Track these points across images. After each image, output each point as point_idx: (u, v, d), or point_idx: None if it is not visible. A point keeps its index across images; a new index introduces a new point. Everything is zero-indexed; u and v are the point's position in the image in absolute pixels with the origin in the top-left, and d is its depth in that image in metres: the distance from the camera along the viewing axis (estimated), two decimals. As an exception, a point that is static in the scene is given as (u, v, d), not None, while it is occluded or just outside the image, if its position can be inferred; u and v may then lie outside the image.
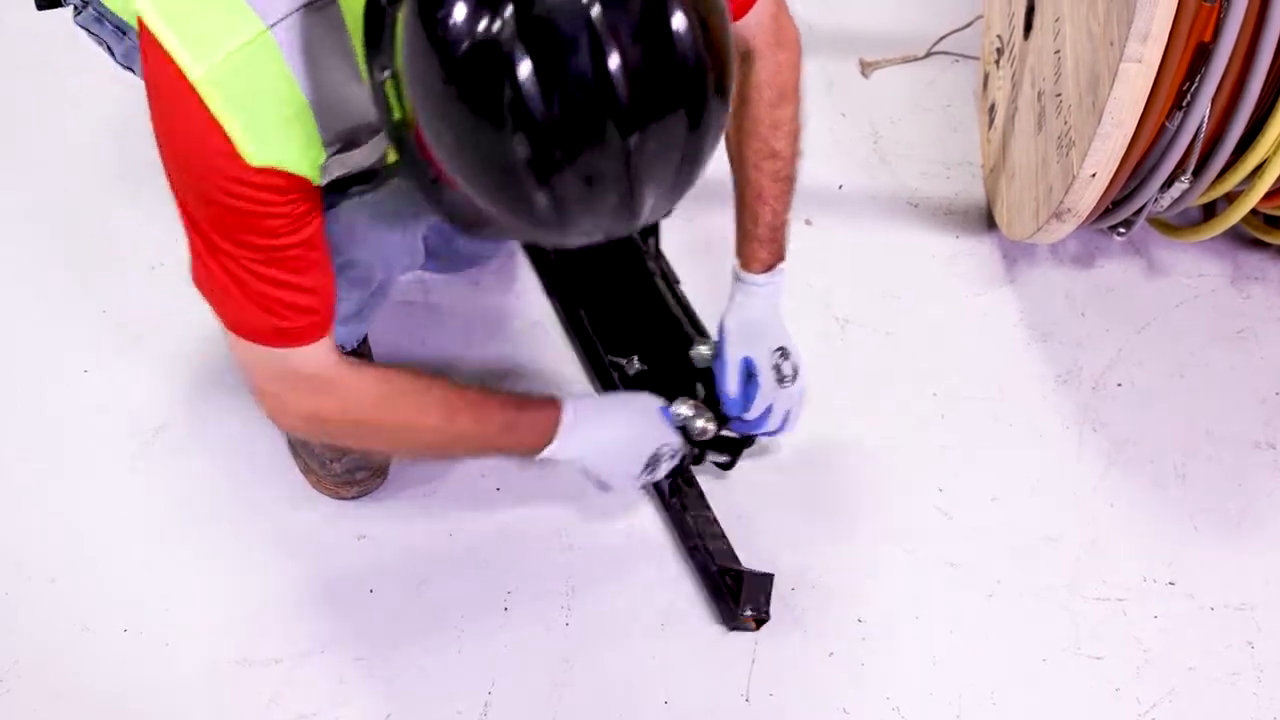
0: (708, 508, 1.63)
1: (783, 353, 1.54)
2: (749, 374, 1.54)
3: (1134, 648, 1.55)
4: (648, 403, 1.51)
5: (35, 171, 2.02)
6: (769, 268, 1.52)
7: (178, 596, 1.58)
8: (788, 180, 1.51)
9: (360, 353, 1.69)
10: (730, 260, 1.54)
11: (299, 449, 1.66)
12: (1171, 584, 1.61)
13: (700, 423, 1.53)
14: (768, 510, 1.66)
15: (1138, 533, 1.66)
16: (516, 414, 1.38)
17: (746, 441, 1.61)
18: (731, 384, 1.54)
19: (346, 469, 1.63)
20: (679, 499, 1.61)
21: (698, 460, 1.60)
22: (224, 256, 1.15)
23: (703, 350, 1.64)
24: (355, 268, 1.41)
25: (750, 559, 1.60)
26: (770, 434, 1.58)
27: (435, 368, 1.78)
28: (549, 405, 1.40)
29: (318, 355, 1.24)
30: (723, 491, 1.66)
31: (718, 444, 1.58)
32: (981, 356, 1.83)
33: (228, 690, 1.51)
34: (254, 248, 1.14)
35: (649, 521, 1.65)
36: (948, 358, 1.83)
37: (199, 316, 1.81)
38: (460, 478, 1.68)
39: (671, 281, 1.80)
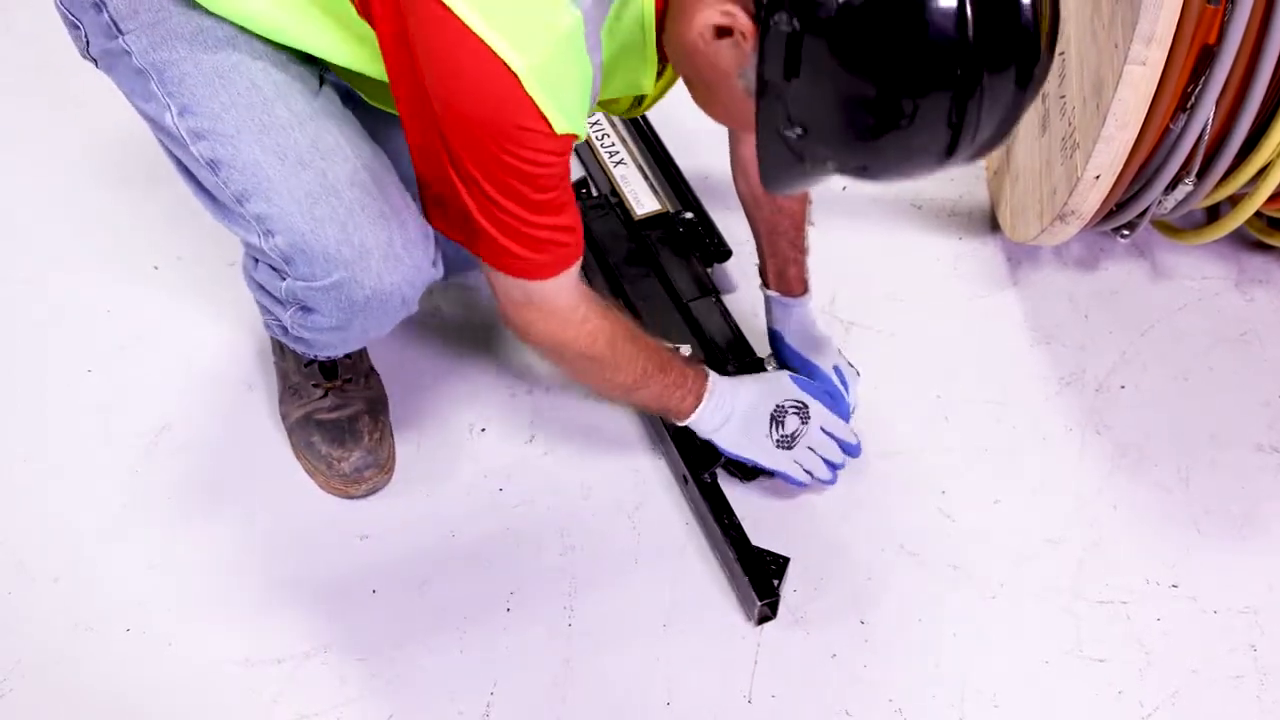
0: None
1: (840, 354, 1.71)
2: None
3: (1137, 650, 1.55)
4: (777, 374, 1.63)
5: (40, 172, 2.02)
6: (808, 288, 1.70)
7: (180, 597, 1.58)
8: (807, 199, 1.68)
9: (353, 356, 1.70)
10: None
11: (304, 450, 1.67)
12: (1175, 587, 1.61)
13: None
14: (770, 511, 1.66)
15: (1141, 535, 1.65)
16: (683, 370, 1.52)
17: None
18: (840, 388, 1.68)
19: (354, 468, 1.63)
20: (711, 476, 1.63)
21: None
22: (495, 208, 1.26)
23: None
24: (348, 330, 1.41)
25: (753, 561, 1.61)
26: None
27: (437, 367, 1.79)
28: (698, 370, 1.55)
29: (566, 285, 1.37)
30: (724, 493, 1.66)
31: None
32: (985, 359, 1.83)
33: (230, 690, 1.51)
34: (526, 200, 1.26)
35: (651, 522, 1.65)
36: (951, 360, 1.83)
37: (202, 317, 1.83)
38: (463, 479, 1.69)
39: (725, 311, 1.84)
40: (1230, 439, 1.75)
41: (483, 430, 1.74)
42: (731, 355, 1.75)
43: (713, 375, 1.56)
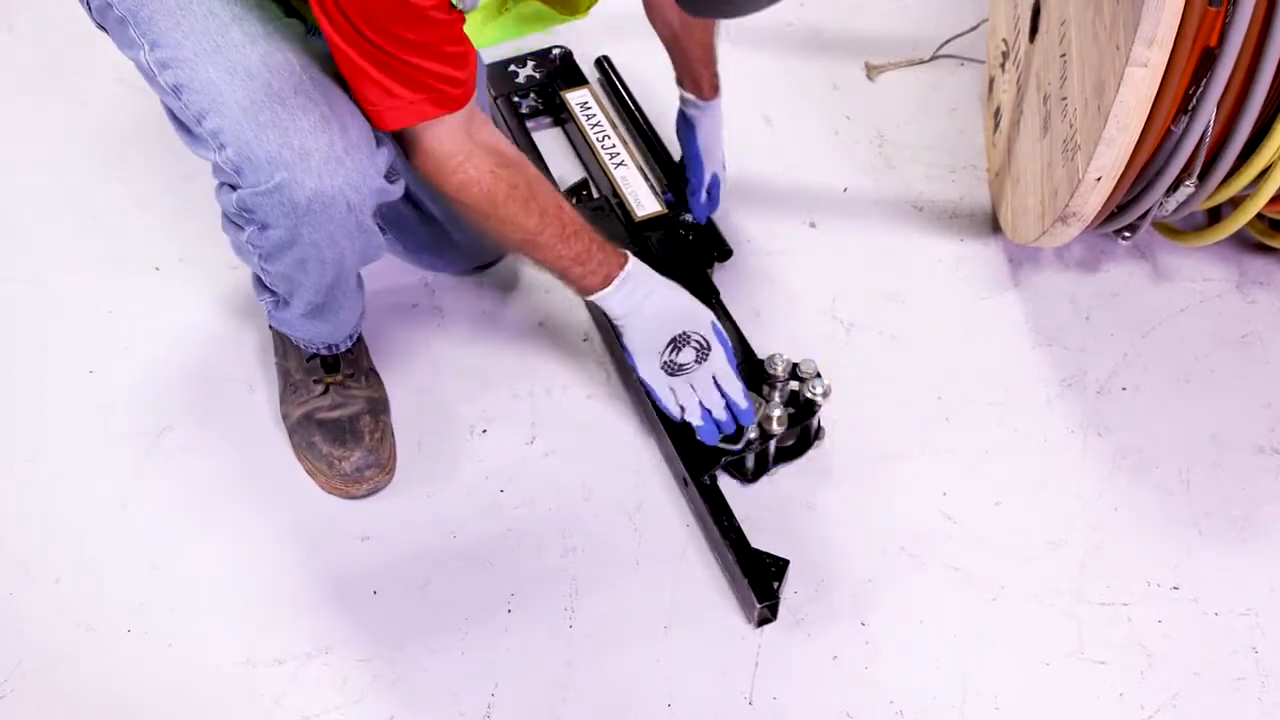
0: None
1: (723, 165, 1.91)
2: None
3: (1138, 653, 1.55)
4: (701, 306, 1.65)
5: (41, 172, 2.02)
6: (719, 91, 1.85)
7: (181, 597, 1.58)
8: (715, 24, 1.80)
9: (355, 352, 1.70)
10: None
11: (305, 450, 1.67)
12: (1176, 589, 1.61)
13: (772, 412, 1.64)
14: (771, 512, 1.66)
15: (1142, 537, 1.65)
16: (591, 249, 1.55)
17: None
18: (703, 194, 1.89)
19: (355, 468, 1.64)
20: (711, 479, 1.63)
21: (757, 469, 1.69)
22: (378, 52, 1.30)
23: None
24: (299, 245, 1.42)
25: (754, 562, 1.61)
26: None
27: (439, 368, 1.79)
28: (618, 255, 1.59)
29: (447, 133, 1.40)
30: (725, 493, 1.66)
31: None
32: (986, 360, 1.83)
33: (231, 691, 1.51)
34: (401, 40, 1.29)
35: (652, 524, 1.65)
36: (952, 362, 1.83)
37: (203, 318, 1.83)
38: (464, 480, 1.69)
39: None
40: (1231, 441, 1.75)
41: (484, 431, 1.74)
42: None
43: (633, 264, 1.60)
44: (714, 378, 1.62)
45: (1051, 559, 1.63)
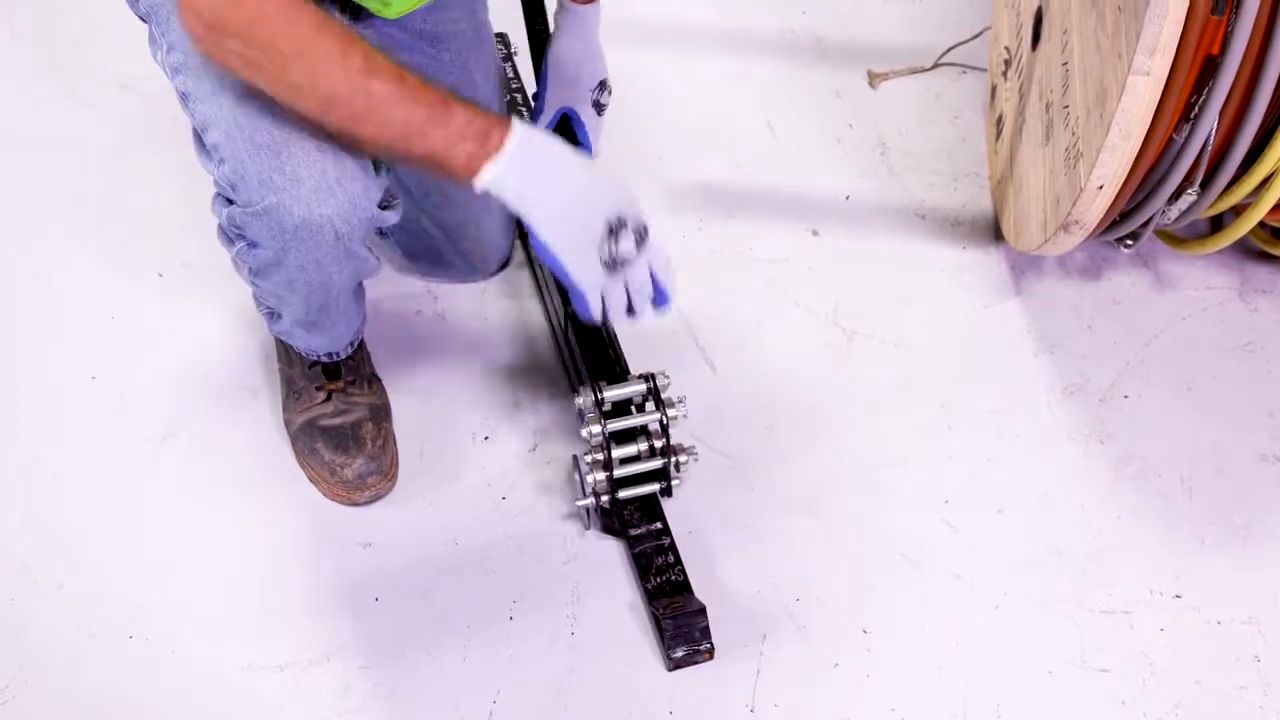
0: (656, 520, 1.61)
1: (602, 86, 1.55)
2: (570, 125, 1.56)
3: (1140, 661, 1.55)
4: (606, 166, 1.36)
5: (45, 176, 2.02)
6: None
7: (183, 603, 1.58)
8: None
9: (357, 358, 1.70)
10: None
11: (307, 457, 1.67)
12: (1178, 597, 1.61)
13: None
14: (772, 519, 1.66)
15: (1144, 545, 1.65)
16: (451, 104, 1.22)
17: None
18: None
19: (357, 475, 1.64)
20: (623, 519, 1.60)
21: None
22: None
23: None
24: (285, 267, 1.42)
25: (754, 569, 1.61)
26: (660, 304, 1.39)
27: (441, 374, 1.79)
28: (497, 118, 1.24)
29: None
30: (727, 501, 1.66)
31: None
32: (988, 368, 1.83)
33: (233, 697, 1.51)
34: None
35: (655, 531, 1.65)
36: (954, 369, 1.83)
37: (206, 324, 1.83)
38: (466, 486, 1.69)
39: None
40: (1234, 449, 1.74)
41: (486, 438, 1.74)
42: None
43: (522, 127, 1.25)
44: (650, 265, 1.35)
45: (1053, 567, 1.63)
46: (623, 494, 1.59)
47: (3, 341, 1.83)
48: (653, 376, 1.59)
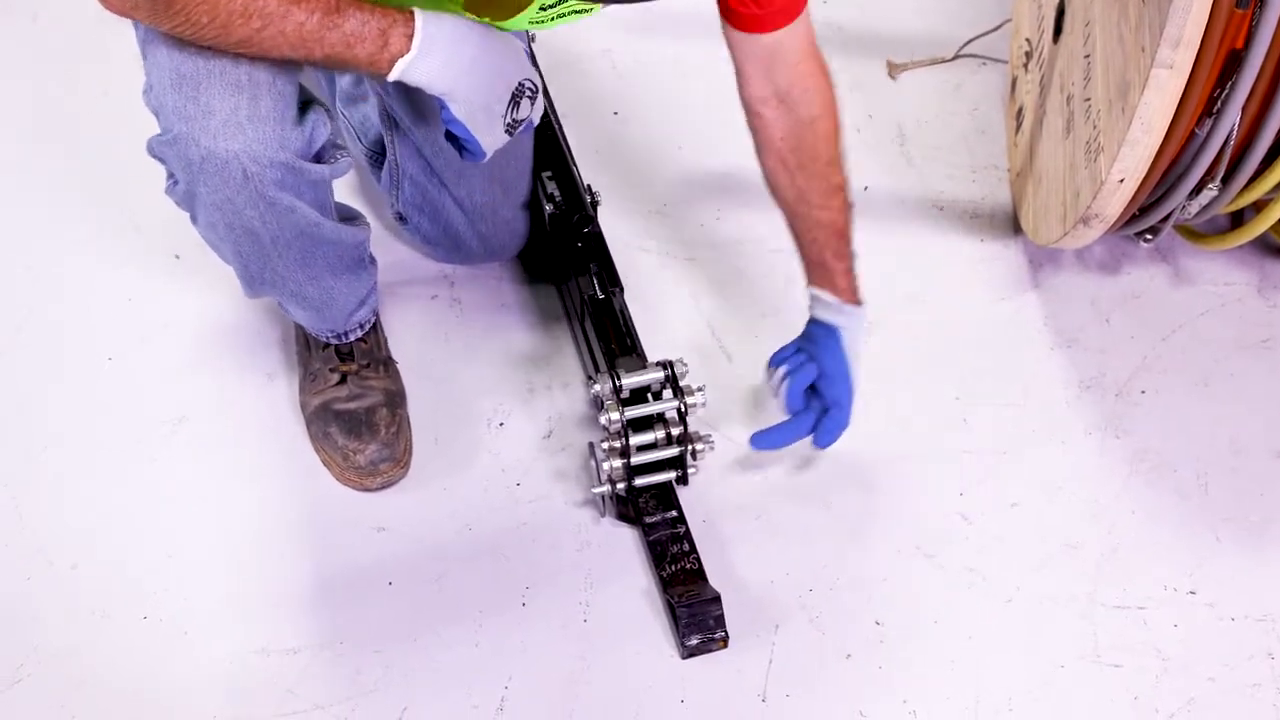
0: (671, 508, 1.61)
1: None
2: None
3: (1153, 657, 1.55)
4: (508, 35, 1.41)
5: (61, 160, 2.03)
6: (859, 296, 1.61)
7: (197, 585, 1.59)
8: (851, 206, 1.59)
9: (370, 342, 1.70)
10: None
11: (321, 441, 1.67)
12: (1192, 593, 1.60)
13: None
14: (786, 511, 1.66)
15: (1159, 541, 1.65)
16: (344, 7, 1.27)
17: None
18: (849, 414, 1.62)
19: (370, 461, 1.64)
20: (638, 507, 1.61)
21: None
22: None
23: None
24: (200, 204, 1.41)
25: (767, 560, 1.61)
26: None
27: (457, 360, 1.79)
28: (397, 13, 1.30)
29: None
30: (742, 490, 1.66)
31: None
32: (1005, 361, 1.83)
33: (245, 679, 1.51)
34: None
35: (668, 520, 1.65)
36: (971, 362, 1.82)
37: (223, 306, 1.83)
38: (480, 473, 1.69)
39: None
40: (1250, 446, 1.74)
41: (501, 424, 1.74)
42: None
43: (421, 20, 1.30)
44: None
45: (1067, 561, 1.62)
46: (639, 481, 1.59)
47: (21, 323, 1.83)
48: (671, 364, 1.59)
